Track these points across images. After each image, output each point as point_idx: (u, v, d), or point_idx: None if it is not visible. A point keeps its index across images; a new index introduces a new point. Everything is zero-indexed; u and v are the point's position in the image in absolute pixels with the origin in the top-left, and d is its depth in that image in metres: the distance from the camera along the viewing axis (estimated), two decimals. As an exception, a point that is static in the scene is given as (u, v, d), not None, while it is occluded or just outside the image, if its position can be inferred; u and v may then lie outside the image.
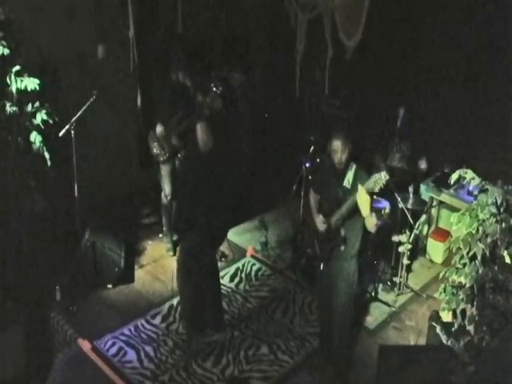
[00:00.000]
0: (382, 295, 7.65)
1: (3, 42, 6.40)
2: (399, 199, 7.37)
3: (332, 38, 8.82)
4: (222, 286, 7.68)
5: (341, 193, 5.80)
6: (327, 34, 8.84)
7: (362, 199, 5.52)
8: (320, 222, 5.99)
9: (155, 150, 7.89)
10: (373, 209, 5.70)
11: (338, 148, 5.72)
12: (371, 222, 5.76)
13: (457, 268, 5.32)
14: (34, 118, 6.77)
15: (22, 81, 6.57)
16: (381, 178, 5.37)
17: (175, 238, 8.28)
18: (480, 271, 5.14)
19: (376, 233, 6.13)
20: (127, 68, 8.67)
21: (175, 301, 7.30)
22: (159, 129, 7.80)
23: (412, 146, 8.11)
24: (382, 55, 8.96)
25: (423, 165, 8.25)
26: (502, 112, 7.93)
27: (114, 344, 6.76)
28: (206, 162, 6.19)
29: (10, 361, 6.63)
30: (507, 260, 5.11)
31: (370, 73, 9.16)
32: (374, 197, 5.69)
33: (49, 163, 6.85)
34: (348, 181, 5.80)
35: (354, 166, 5.82)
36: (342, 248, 5.86)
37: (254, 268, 8.21)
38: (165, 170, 7.95)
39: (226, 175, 6.33)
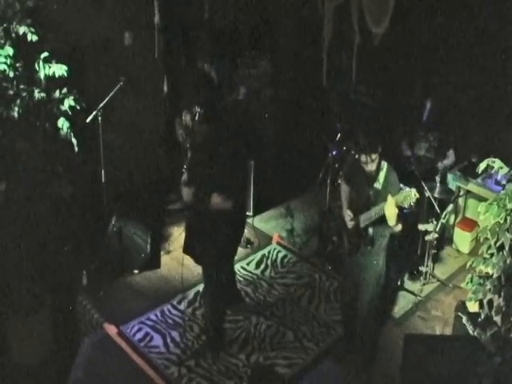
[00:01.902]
0: (407, 284, 7.63)
1: (31, 29, 6.42)
2: (426, 188, 7.33)
3: (359, 25, 8.76)
4: (248, 273, 7.76)
5: (371, 193, 5.79)
6: (354, 21, 8.77)
7: (390, 211, 5.56)
8: (349, 218, 5.99)
9: (181, 136, 7.89)
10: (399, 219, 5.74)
11: (366, 161, 5.71)
12: (396, 229, 5.79)
13: (484, 258, 5.28)
14: (62, 104, 6.80)
15: (50, 67, 6.59)
16: (411, 195, 5.40)
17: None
18: (508, 261, 5.09)
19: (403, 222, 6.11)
20: (154, 55, 8.68)
21: (201, 287, 7.31)
22: (186, 116, 7.81)
23: (439, 136, 8.03)
24: (410, 42, 8.89)
25: (449, 159, 8.15)
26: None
27: (140, 329, 6.81)
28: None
29: (38, 344, 6.71)
30: (535, 250, 5.07)
31: (398, 60, 9.09)
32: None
33: (76, 149, 6.88)
34: (379, 181, 5.79)
35: (385, 166, 5.80)
36: (369, 248, 5.88)
37: (280, 255, 8.21)
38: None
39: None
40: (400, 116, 8.97)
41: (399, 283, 7.58)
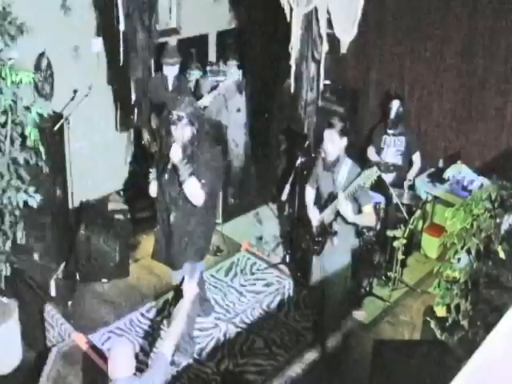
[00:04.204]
0: (376, 290, 7.67)
1: (-3, 36, 6.38)
2: (394, 194, 7.39)
3: (327, 33, 8.81)
4: (217, 280, 7.74)
5: (334, 188, 5.82)
6: (322, 29, 8.81)
7: (344, 208, 5.61)
8: (314, 216, 6.02)
9: (147, 141, 7.87)
10: (367, 204, 5.77)
11: (326, 143, 5.76)
12: (365, 221, 5.82)
13: (451, 263, 5.34)
14: (29, 111, 6.76)
15: (16, 74, 6.55)
16: (372, 174, 5.41)
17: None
18: (474, 266, 5.16)
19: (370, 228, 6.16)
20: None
21: (170, 295, 7.29)
22: (153, 120, 7.80)
23: (406, 141, 8.11)
24: (377, 50, 8.98)
25: (416, 166, 8.22)
26: (497, 108, 7.95)
27: (109, 338, 6.76)
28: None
29: (5, 355, 6.64)
30: (501, 255, 5.13)
31: (365, 67, 9.18)
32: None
33: (44, 157, 6.84)
34: (342, 176, 5.82)
35: (348, 162, 5.84)
36: (335, 242, 5.89)
37: (249, 262, 8.21)
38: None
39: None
40: (368, 122, 9.04)
41: (368, 289, 7.62)
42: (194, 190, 5.75)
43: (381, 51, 8.98)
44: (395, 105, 8.10)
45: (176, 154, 5.66)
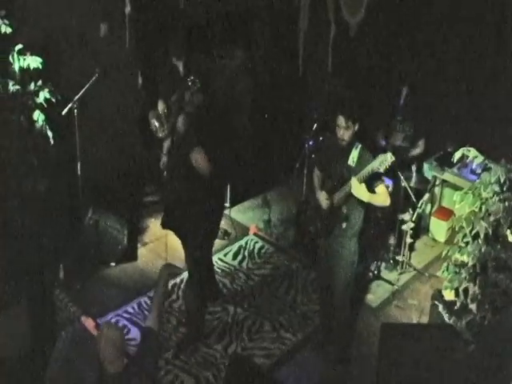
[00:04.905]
0: (384, 273, 7.67)
1: (5, 21, 6.38)
2: (402, 178, 7.37)
3: (335, 16, 8.76)
4: (225, 264, 7.76)
5: (345, 171, 5.77)
6: (330, 12, 8.77)
7: (357, 190, 5.57)
8: (323, 198, 5.97)
9: (154, 127, 7.86)
10: (380, 184, 5.73)
11: (341, 123, 5.68)
12: (380, 200, 5.78)
13: (459, 247, 5.33)
14: (37, 96, 6.77)
15: (24, 59, 6.56)
16: (387, 159, 5.34)
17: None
18: (483, 250, 5.14)
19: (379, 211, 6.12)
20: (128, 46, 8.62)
21: (178, 279, 7.32)
22: (161, 105, 7.78)
23: (415, 125, 8.06)
24: (386, 33, 8.91)
25: (418, 149, 8.16)
26: (506, 90, 7.90)
27: (117, 322, 6.78)
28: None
29: (14, 338, 6.67)
30: (510, 239, 5.12)
31: (374, 51, 9.12)
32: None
33: (51, 142, 6.85)
34: (353, 159, 5.76)
35: (359, 146, 5.79)
36: (344, 225, 5.85)
37: (257, 246, 8.23)
38: (165, 147, 7.93)
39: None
40: (376, 106, 8.99)
41: (376, 272, 7.62)
42: (201, 160, 5.78)
43: (389, 35, 8.90)
44: (404, 89, 8.06)
45: (184, 125, 5.68)
